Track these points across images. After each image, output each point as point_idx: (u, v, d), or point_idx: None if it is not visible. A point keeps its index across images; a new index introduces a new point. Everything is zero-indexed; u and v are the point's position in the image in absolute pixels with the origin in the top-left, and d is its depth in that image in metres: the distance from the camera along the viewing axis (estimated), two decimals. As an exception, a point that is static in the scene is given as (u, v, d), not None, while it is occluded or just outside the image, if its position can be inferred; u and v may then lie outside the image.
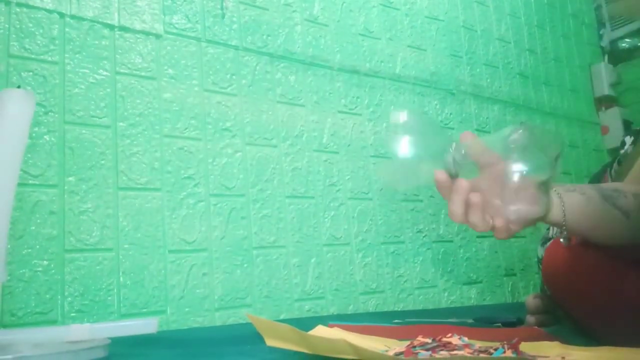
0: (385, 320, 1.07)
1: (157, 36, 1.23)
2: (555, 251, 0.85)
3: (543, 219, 0.63)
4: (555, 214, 0.63)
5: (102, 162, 1.10)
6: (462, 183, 0.58)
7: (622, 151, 0.97)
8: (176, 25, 1.26)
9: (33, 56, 1.07)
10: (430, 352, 0.55)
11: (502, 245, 1.76)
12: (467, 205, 0.58)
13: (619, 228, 0.66)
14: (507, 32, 2.01)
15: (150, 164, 1.16)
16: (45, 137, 1.05)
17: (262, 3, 1.41)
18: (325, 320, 0.95)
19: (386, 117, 1.59)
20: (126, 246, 1.09)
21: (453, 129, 1.74)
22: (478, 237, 1.70)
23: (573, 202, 0.64)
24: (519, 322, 1.02)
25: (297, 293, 1.29)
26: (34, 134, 1.04)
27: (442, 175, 0.59)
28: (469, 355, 0.54)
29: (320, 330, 0.76)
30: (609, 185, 0.70)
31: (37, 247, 1.00)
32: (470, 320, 1.06)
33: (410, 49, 1.69)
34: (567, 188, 0.65)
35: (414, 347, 0.58)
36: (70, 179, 1.06)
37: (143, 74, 1.19)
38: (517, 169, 0.55)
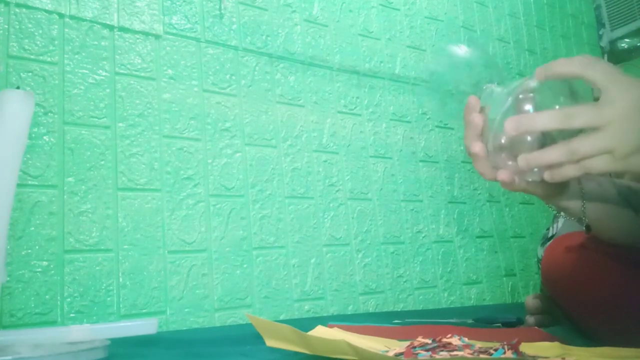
0: (385, 320, 1.07)
1: (157, 36, 1.23)
2: (554, 251, 0.85)
3: (559, 199, 0.62)
4: (573, 197, 0.62)
5: (102, 162, 1.10)
6: (477, 119, 0.56)
7: None
8: (175, 26, 1.26)
9: (32, 57, 1.07)
10: (430, 353, 0.55)
11: (501, 246, 1.76)
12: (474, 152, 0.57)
13: (629, 224, 0.65)
14: (506, 33, 2.02)
15: (149, 165, 1.16)
16: (44, 137, 1.05)
17: (261, 3, 1.41)
18: (325, 321, 0.95)
19: (386, 117, 1.59)
20: (126, 247, 1.09)
21: (452, 129, 1.74)
22: (478, 237, 1.70)
23: (591, 190, 0.63)
24: (519, 322, 1.02)
25: (296, 293, 1.29)
26: (33, 135, 1.04)
27: (474, 100, 0.57)
28: (469, 355, 0.54)
29: (320, 331, 0.76)
30: (621, 182, 0.70)
31: (37, 247, 1.00)
32: (470, 321, 1.06)
33: (410, 49, 1.69)
34: (585, 176, 0.64)
35: (414, 347, 0.58)
36: (70, 179, 1.06)
37: (142, 74, 1.19)
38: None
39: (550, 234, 1.09)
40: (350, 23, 1.57)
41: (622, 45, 2.35)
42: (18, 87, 0.71)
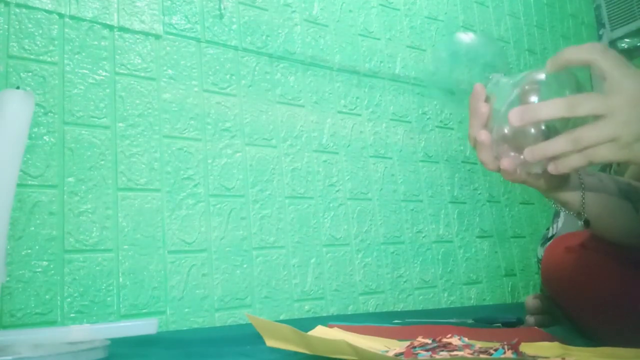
0: (385, 320, 1.07)
1: (157, 37, 1.23)
2: (554, 251, 0.85)
3: (559, 192, 0.62)
4: (573, 191, 0.62)
5: (102, 162, 1.10)
6: (484, 109, 0.56)
7: None
8: (175, 26, 1.26)
9: (32, 57, 1.07)
10: (430, 353, 0.55)
11: (501, 246, 1.76)
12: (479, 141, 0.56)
13: (629, 221, 0.65)
14: (506, 33, 2.02)
15: (149, 165, 1.16)
16: (44, 137, 1.05)
17: (261, 3, 1.41)
18: (325, 321, 0.95)
19: (386, 117, 1.59)
20: (126, 247, 1.09)
21: (452, 129, 1.74)
22: (478, 237, 1.70)
23: (591, 185, 0.63)
24: (519, 322, 1.02)
25: (296, 293, 1.29)
26: (33, 135, 1.04)
27: (480, 88, 0.57)
28: (469, 355, 0.54)
29: (320, 331, 0.76)
30: (622, 179, 0.70)
31: (37, 247, 1.00)
32: (470, 321, 1.06)
33: (410, 49, 1.69)
34: (586, 172, 0.64)
35: (414, 347, 0.58)
36: (70, 179, 1.06)
37: (142, 74, 1.19)
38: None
39: (550, 234, 1.09)
40: (350, 23, 1.57)
41: (622, 45, 2.35)
42: (18, 87, 0.71)
